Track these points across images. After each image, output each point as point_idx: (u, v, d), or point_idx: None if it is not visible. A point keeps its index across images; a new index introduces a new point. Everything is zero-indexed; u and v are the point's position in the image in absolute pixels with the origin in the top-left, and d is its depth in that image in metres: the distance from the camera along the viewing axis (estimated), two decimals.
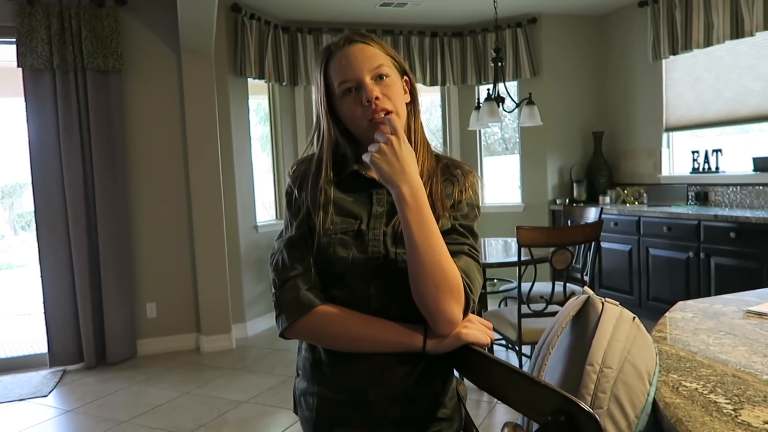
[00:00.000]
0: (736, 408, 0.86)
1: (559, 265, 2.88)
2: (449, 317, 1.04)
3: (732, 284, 3.62)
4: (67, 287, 4.02)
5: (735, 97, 4.31)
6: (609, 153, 5.48)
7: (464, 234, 1.14)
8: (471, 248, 1.13)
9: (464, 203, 1.16)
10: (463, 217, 1.15)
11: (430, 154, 1.19)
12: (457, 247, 1.11)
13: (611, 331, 0.93)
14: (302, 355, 1.22)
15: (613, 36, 5.43)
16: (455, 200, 1.15)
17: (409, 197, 1.03)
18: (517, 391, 0.92)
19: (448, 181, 1.18)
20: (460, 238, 1.13)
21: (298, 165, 1.21)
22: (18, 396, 3.55)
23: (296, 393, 1.24)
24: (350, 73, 1.11)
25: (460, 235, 1.13)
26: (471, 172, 1.21)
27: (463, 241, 1.13)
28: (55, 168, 3.96)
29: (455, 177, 1.18)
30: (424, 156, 1.17)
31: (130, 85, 4.19)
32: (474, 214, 1.17)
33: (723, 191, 4.40)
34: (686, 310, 1.46)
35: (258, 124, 5.45)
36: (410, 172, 1.05)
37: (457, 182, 1.17)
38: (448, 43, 5.59)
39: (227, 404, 3.30)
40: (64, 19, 3.90)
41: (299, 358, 1.24)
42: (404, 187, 1.04)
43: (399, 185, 1.04)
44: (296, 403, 1.25)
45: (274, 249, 1.16)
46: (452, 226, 1.13)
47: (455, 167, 1.20)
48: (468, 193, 1.17)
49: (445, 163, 1.21)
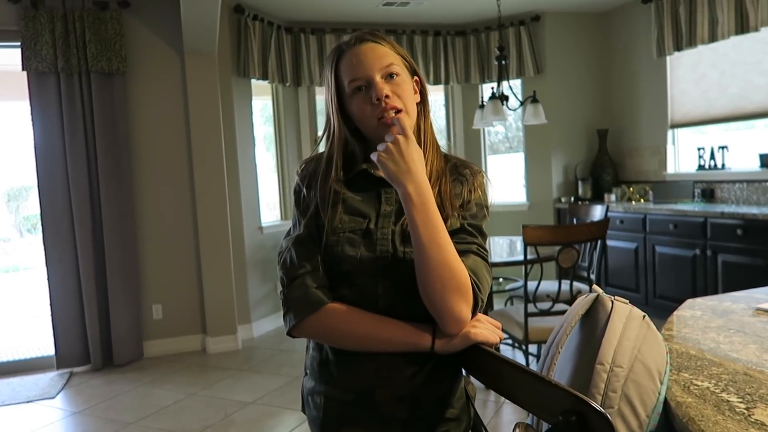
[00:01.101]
0: (749, 407, 0.85)
1: (566, 263, 2.87)
2: (457, 316, 1.04)
3: (739, 281, 3.60)
4: (73, 289, 4.04)
5: (740, 93, 4.28)
6: (614, 150, 5.46)
7: (472, 233, 1.13)
8: (479, 247, 1.13)
9: (473, 203, 1.16)
10: (471, 216, 1.15)
11: (439, 154, 1.19)
12: (465, 246, 1.11)
13: (621, 329, 0.92)
14: (310, 354, 1.21)
15: (616, 33, 5.40)
16: (464, 200, 1.15)
17: (415, 196, 1.03)
18: (527, 391, 0.91)
19: (457, 180, 1.17)
20: (469, 237, 1.13)
21: (307, 163, 1.20)
22: (26, 398, 3.57)
23: (304, 392, 1.24)
24: (361, 72, 1.11)
25: (468, 235, 1.13)
26: (480, 171, 1.21)
27: (471, 240, 1.12)
28: (61, 171, 3.97)
29: (464, 177, 1.18)
30: (433, 156, 1.16)
31: (134, 87, 4.20)
32: (483, 214, 1.17)
33: (729, 188, 4.38)
34: (695, 308, 1.45)
35: (263, 124, 5.45)
36: (417, 172, 1.04)
37: (466, 182, 1.17)
38: (451, 42, 5.58)
39: (234, 405, 3.30)
40: (68, 22, 3.91)
41: (307, 357, 1.24)
42: (410, 187, 1.03)
43: (405, 184, 1.03)
44: (304, 402, 1.24)
45: (282, 247, 1.16)
46: (461, 225, 1.13)
47: (464, 167, 1.20)
48: (477, 192, 1.17)
49: (454, 163, 1.21)
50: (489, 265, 1.15)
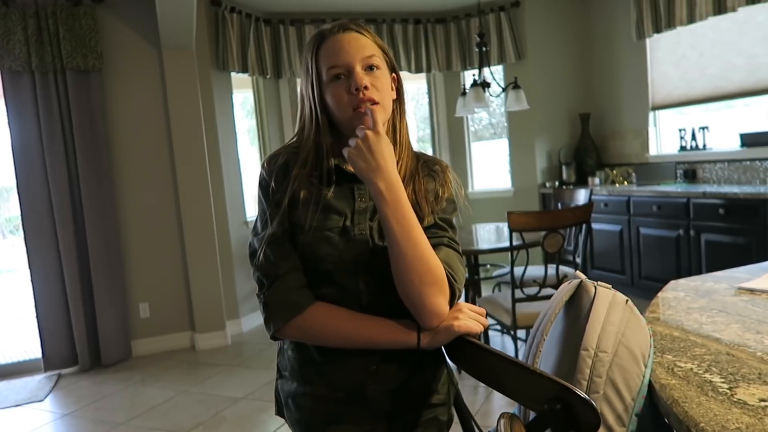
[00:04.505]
0: (732, 387, 0.85)
1: (551, 248, 2.89)
2: (435, 309, 1.04)
3: (722, 260, 3.65)
4: (58, 291, 3.99)
5: (719, 74, 4.31)
6: (596, 134, 5.49)
7: (443, 227, 1.14)
8: (451, 240, 1.14)
9: (443, 198, 1.17)
10: (442, 211, 1.16)
11: (413, 154, 1.19)
12: (437, 240, 1.11)
13: (605, 314, 0.93)
14: (288, 355, 1.19)
15: (596, 16, 5.41)
16: (437, 195, 1.16)
17: (386, 192, 1.02)
18: (513, 381, 0.91)
19: (429, 176, 1.18)
20: (440, 231, 1.13)
21: (274, 157, 1.15)
22: (14, 402, 3.53)
23: (281, 395, 1.22)
24: (342, 59, 1.09)
25: (439, 229, 1.14)
26: (447, 167, 1.23)
27: (442, 234, 1.13)
28: (39, 171, 3.91)
29: (435, 173, 1.19)
30: (407, 156, 1.16)
31: (112, 84, 4.13)
32: (452, 208, 1.19)
33: (711, 168, 4.42)
34: (678, 289, 1.46)
35: (245, 117, 5.40)
36: (387, 168, 1.03)
37: (437, 177, 1.19)
38: (431, 29, 5.55)
39: (225, 401, 3.29)
40: (41, 19, 3.83)
41: (282, 359, 1.22)
42: (381, 183, 1.02)
43: (375, 181, 1.03)
44: (282, 405, 1.22)
45: (254, 246, 1.12)
46: (432, 220, 1.14)
47: (433, 163, 1.21)
48: (447, 187, 1.19)
49: (424, 160, 1.21)
50: (462, 256, 1.16)
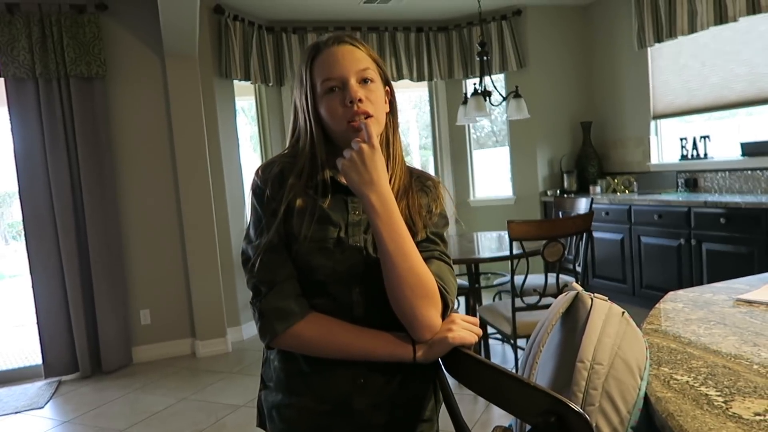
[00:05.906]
0: (727, 400, 0.85)
1: (551, 257, 2.88)
2: (427, 322, 1.04)
3: (724, 270, 3.64)
4: (59, 297, 4.00)
5: (721, 83, 4.32)
6: (598, 143, 5.49)
7: (434, 241, 1.15)
8: (441, 253, 1.15)
9: (435, 213, 1.18)
10: (434, 225, 1.17)
11: (406, 168, 1.20)
12: (428, 253, 1.12)
13: (601, 327, 0.93)
14: (274, 365, 1.19)
15: (598, 25, 5.43)
16: (430, 210, 1.18)
17: (379, 206, 1.03)
18: (508, 394, 0.91)
19: (422, 191, 1.19)
20: (431, 245, 1.14)
21: (270, 165, 1.16)
22: (14, 409, 3.53)
23: (265, 406, 1.21)
24: (336, 72, 1.09)
25: (430, 243, 1.15)
26: (439, 182, 1.25)
27: (433, 248, 1.14)
28: (42, 177, 3.93)
29: (428, 188, 1.20)
30: (400, 170, 1.17)
31: (115, 91, 4.16)
32: (444, 222, 1.20)
33: (712, 177, 4.42)
34: (677, 300, 1.46)
35: (248, 124, 5.42)
36: (379, 182, 1.04)
37: (430, 192, 1.20)
38: (433, 37, 5.57)
39: (225, 408, 3.29)
40: (45, 26, 3.86)
41: (267, 369, 1.22)
42: (373, 197, 1.03)
43: (368, 195, 1.03)
44: (265, 417, 1.21)
45: (249, 253, 1.12)
46: (425, 234, 1.15)
47: (426, 178, 1.23)
48: (439, 202, 1.20)
49: (417, 175, 1.22)
50: (452, 269, 1.16)
